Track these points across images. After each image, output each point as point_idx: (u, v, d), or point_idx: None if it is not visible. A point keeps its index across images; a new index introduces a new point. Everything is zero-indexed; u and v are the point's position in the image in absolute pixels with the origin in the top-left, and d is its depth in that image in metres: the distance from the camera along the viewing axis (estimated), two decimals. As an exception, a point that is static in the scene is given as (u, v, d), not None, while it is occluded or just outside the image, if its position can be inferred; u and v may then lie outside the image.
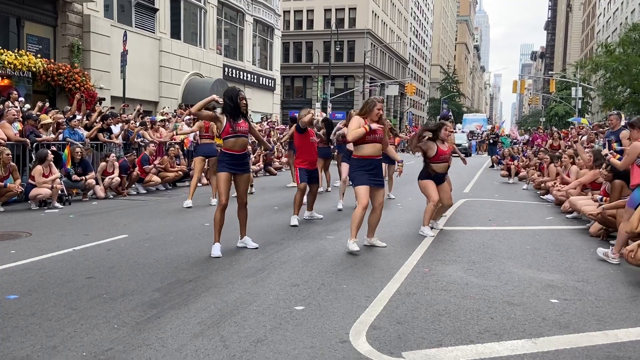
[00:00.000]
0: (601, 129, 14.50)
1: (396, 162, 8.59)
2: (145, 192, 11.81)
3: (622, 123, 9.70)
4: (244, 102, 5.91)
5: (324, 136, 9.99)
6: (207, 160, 10.15)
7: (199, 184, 10.76)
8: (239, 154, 5.89)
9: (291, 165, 13.67)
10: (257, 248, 6.05)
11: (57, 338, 3.44)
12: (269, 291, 4.49)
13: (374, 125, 5.95)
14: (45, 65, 16.17)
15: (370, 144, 6.02)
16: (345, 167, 9.45)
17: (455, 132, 35.86)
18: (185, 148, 14.33)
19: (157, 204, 10.18)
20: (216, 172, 6.12)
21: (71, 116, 11.96)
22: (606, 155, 6.64)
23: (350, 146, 9.35)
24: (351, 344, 3.41)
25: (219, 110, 6.25)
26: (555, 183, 10.68)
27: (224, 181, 5.80)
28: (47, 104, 13.78)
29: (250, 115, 11.76)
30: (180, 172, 13.01)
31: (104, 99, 17.13)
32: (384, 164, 7.45)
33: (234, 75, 29.29)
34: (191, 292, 4.44)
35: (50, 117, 11.28)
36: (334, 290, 4.54)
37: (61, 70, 16.56)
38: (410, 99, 75.01)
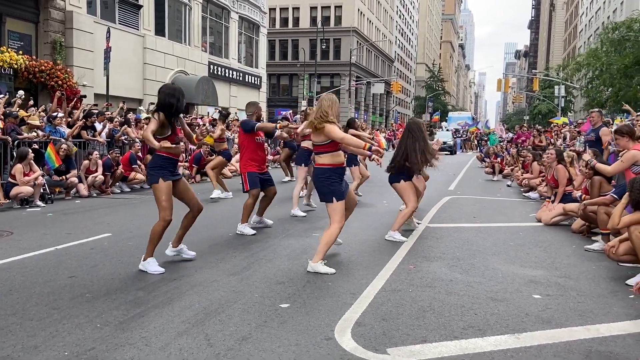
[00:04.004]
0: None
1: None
2: (129, 190, 11.71)
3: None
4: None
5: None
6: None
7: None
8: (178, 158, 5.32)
9: (281, 163, 13.84)
10: (193, 259, 5.41)
11: (39, 338, 3.39)
12: (254, 289, 4.47)
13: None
14: (27, 62, 15.94)
15: (339, 151, 5.19)
16: (302, 170, 9.03)
17: (442, 130, 36.09)
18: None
19: (141, 202, 10.09)
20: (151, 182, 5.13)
21: (53, 114, 11.80)
22: (590, 161, 6.66)
23: (306, 143, 8.95)
24: (336, 340, 3.41)
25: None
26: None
27: (170, 192, 5.01)
28: (32, 101, 13.62)
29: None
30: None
31: (84, 96, 16.94)
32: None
33: (219, 72, 29.14)
34: (175, 290, 4.41)
35: (35, 115, 11.14)
36: (320, 288, 4.54)
37: (43, 67, 16.34)
38: (396, 97, 75.26)
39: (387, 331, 3.59)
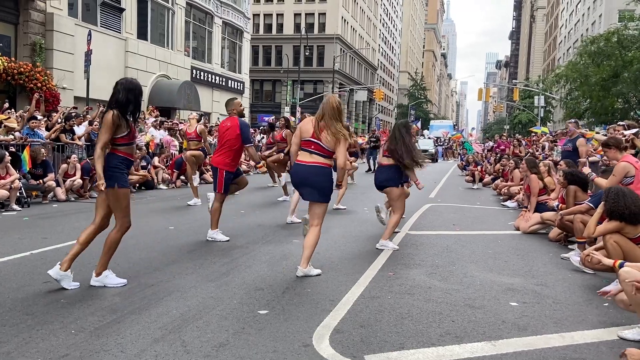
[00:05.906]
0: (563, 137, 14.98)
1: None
2: (108, 194, 11.54)
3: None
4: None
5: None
6: None
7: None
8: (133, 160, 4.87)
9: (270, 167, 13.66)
10: (125, 285, 4.64)
11: (12, 344, 3.33)
12: (233, 295, 4.45)
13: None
14: (6, 64, 15.72)
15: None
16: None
17: (423, 138, 36.28)
18: (150, 150, 14.09)
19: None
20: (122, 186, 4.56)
21: (31, 116, 11.63)
22: (590, 174, 6.71)
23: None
24: (314, 347, 3.41)
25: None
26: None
27: (128, 198, 4.57)
28: (7, 104, 13.40)
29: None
30: (145, 176, 12.78)
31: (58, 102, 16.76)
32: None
33: (202, 77, 29.02)
34: (153, 296, 4.37)
35: (13, 118, 10.97)
36: (299, 294, 4.53)
37: (22, 69, 16.13)
38: (379, 105, 75.69)
39: (365, 338, 3.60)
